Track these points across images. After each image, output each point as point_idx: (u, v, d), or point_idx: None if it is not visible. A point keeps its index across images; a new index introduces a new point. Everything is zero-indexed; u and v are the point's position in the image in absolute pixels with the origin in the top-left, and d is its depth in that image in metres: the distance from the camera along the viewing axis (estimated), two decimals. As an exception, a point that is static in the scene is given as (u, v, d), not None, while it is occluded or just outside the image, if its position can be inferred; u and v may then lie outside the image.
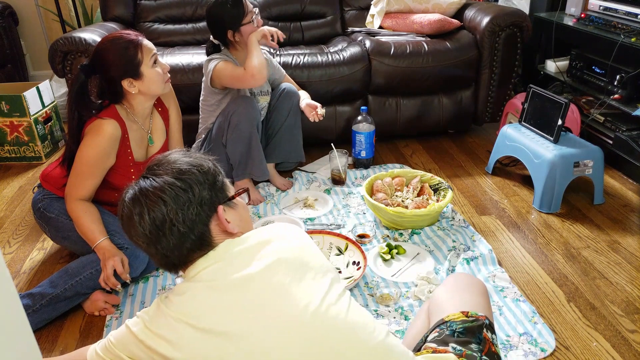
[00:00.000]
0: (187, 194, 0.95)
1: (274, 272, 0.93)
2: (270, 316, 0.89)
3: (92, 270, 1.60)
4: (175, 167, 0.98)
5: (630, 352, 1.46)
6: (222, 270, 0.94)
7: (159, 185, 0.95)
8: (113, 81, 1.61)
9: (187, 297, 0.92)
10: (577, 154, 2.11)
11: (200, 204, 0.96)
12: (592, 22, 2.66)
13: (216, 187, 1.01)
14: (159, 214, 0.94)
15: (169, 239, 0.95)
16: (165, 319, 0.92)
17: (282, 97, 2.28)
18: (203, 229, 0.97)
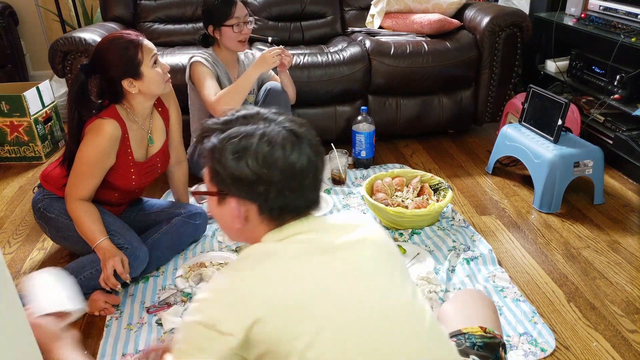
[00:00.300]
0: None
1: (365, 248, 0.92)
2: (354, 290, 0.86)
3: (92, 270, 1.60)
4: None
5: (630, 352, 1.46)
6: (317, 238, 0.91)
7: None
8: (113, 81, 1.61)
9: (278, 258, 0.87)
10: (577, 154, 2.11)
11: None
12: (592, 22, 2.66)
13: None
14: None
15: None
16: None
17: (268, 98, 2.27)
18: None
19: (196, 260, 1.86)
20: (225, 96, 2.05)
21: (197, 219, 1.90)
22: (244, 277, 0.85)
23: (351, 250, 0.90)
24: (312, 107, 2.65)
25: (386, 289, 0.88)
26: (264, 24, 3.01)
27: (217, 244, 1.98)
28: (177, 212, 1.89)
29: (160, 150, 1.83)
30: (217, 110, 2.05)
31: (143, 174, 1.78)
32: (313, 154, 0.93)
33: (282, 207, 0.90)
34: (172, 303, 1.67)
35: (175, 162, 1.98)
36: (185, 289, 1.72)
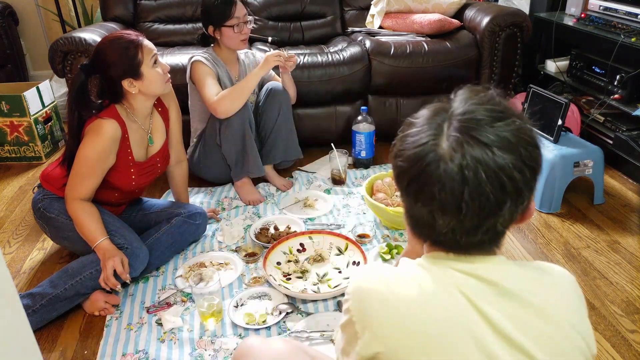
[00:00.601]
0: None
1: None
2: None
3: (92, 270, 1.60)
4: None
5: (630, 352, 1.46)
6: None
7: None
8: (113, 81, 1.61)
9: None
10: (577, 154, 2.11)
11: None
12: (592, 22, 2.66)
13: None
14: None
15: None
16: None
17: (270, 98, 2.27)
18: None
19: (196, 260, 1.86)
20: (227, 97, 2.05)
21: (197, 219, 1.90)
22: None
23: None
24: (312, 107, 2.65)
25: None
26: (264, 24, 3.01)
27: (217, 244, 1.98)
28: (177, 212, 1.89)
29: (160, 150, 1.83)
30: (218, 111, 2.06)
31: (143, 173, 1.78)
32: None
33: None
34: (172, 303, 1.67)
35: (175, 162, 1.98)
36: (185, 289, 1.72)
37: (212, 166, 2.30)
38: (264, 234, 1.99)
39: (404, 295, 0.71)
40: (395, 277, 0.75)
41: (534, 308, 0.71)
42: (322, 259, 1.83)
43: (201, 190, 2.37)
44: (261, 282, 1.75)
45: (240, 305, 1.63)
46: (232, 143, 2.15)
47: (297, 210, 2.20)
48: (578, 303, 0.76)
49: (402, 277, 0.75)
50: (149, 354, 1.48)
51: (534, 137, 0.72)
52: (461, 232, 0.71)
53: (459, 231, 0.71)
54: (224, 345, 1.49)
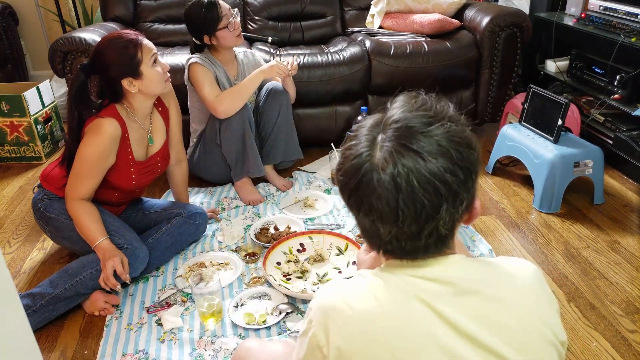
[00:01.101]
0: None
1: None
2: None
3: (92, 270, 1.60)
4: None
5: (630, 352, 1.46)
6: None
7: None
8: (113, 80, 1.61)
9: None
10: (577, 154, 2.11)
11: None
12: (592, 22, 2.66)
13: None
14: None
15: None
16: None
17: (270, 98, 2.27)
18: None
19: (196, 260, 1.86)
20: (227, 97, 2.05)
21: (197, 219, 1.90)
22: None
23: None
24: (312, 107, 2.65)
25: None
26: (264, 24, 3.01)
27: (217, 244, 1.98)
28: (177, 212, 1.89)
29: (161, 150, 1.83)
30: (218, 111, 2.06)
31: (143, 173, 1.78)
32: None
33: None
34: (172, 303, 1.67)
35: (175, 162, 1.98)
36: (185, 289, 1.72)
37: (212, 166, 2.30)
38: (264, 234, 1.99)
39: (363, 310, 0.72)
40: (353, 292, 0.75)
41: (495, 301, 0.72)
42: (322, 259, 1.83)
43: (201, 190, 2.37)
44: (261, 282, 1.75)
45: (240, 305, 1.63)
46: (232, 143, 2.15)
47: (297, 210, 2.20)
48: (540, 292, 0.76)
49: (358, 291, 0.75)
50: (149, 354, 1.48)
51: (467, 138, 0.73)
52: (404, 239, 0.71)
53: (402, 238, 0.71)
54: (224, 345, 1.49)
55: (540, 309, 0.74)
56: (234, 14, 2.14)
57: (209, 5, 2.07)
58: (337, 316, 0.74)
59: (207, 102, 2.07)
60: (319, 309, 0.76)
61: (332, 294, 0.77)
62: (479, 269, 0.76)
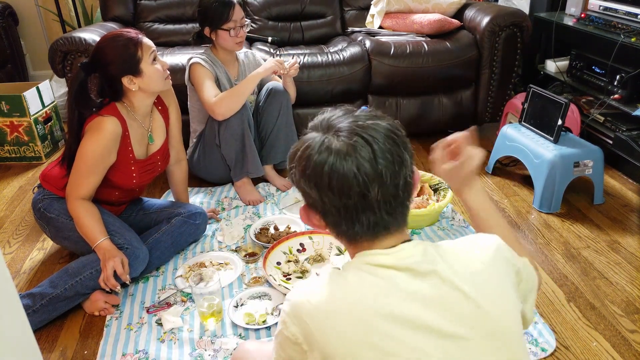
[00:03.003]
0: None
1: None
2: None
3: (92, 270, 1.60)
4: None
5: (630, 352, 1.46)
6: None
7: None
8: (113, 79, 1.61)
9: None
10: (577, 154, 2.11)
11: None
12: (592, 22, 2.66)
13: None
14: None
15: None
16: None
17: (270, 98, 2.27)
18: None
19: (196, 260, 1.86)
20: (225, 99, 2.05)
21: (197, 218, 1.90)
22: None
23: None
24: (312, 107, 2.65)
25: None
26: (264, 24, 3.01)
27: (217, 244, 1.98)
28: (177, 211, 1.89)
29: (161, 149, 1.83)
30: (216, 112, 2.06)
31: (143, 172, 1.78)
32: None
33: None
34: (172, 303, 1.67)
35: (175, 161, 1.98)
36: (185, 289, 1.72)
37: (212, 166, 2.30)
38: (264, 234, 1.99)
39: (335, 305, 0.79)
40: (324, 289, 0.81)
41: (455, 279, 0.80)
42: (322, 259, 1.83)
43: (201, 190, 2.37)
44: (261, 282, 1.75)
45: (240, 305, 1.63)
46: (232, 143, 2.15)
47: (297, 210, 2.20)
48: (504, 263, 0.86)
49: (330, 286, 0.82)
50: (149, 354, 1.48)
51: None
52: (387, 198, 0.80)
53: (386, 196, 0.80)
54: (224, 345, 1.49)
55: (507, 283, 0.85)
56: (245, 24, 2.14)
57: (224, 3, 2.08)
58: (306, 312, 0.79)
59: (205, 103, 2.07)
60: (290, 309, 0.82)
61: (298, 294, 0.83)
62: (439, 251, 0.83)
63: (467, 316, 0.78)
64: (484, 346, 0.78)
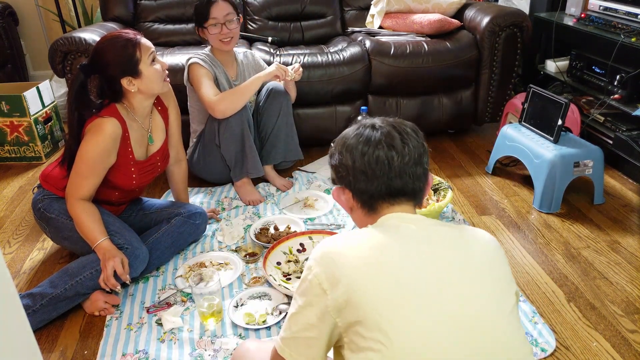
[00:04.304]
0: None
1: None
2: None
3: (92, 270, 1.60)
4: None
5: (630, 352, 1.46)
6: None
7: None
8: (112, 80, 1.61)
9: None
10: (577, 154, 2.11)
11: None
12: (592, 22, 2.66)
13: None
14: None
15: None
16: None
17: (270, 98, 2.27)
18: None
19: (196, 260, 1.86)
20: (227, 98, 2.05)
21: (197, 218, 1.90)
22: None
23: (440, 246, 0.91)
24: (312, 107, 2.65)
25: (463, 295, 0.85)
26: (264, 24, 3.01)
27: (217, 244, 1.98)
28: (177, 211, 1.89)
29: (160, 149, 1.83)
30: (216, 110, 2.06)
31: (143, 172, 1.78)
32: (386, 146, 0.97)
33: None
34: (172, 303, 1.67)
35: (174, 162, 1.98)
36: (185, 289, 1.72)
37: (212, 166, 2.30)
38: (264, 234, 1.99)
39: (361, 248, 0.89)
40: (350, 237, 0.92)
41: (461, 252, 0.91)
42: (322, 259, 1.83)
43: (201, 190, 2.37)
44: (261, 282, 1.75)
45: (240, 305, 1.63)
46: (231, 144, 2.15)
47: (297, 210, 2.20)
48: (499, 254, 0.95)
49: (355, 235, 0.93)
50: (149, 354, 1.48)
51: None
52: (411, 164, 0.96)
53: (409, 162, 0.95)
54: (224, 345, 1.49)
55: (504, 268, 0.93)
56: (230, 20, 2.12)
57: (205, 1, 2.10)
58: (338, 256, 0.87)
59: (205, 101, 2.07)
60: (320, 256, 0.89)
61: (326, 242, 0.92)
62: (447, 230, 0.95)
63: (474, 269, 0.89)
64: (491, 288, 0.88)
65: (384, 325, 0.81)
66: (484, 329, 0.83)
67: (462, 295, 0.85)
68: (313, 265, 0.89)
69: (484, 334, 0.83)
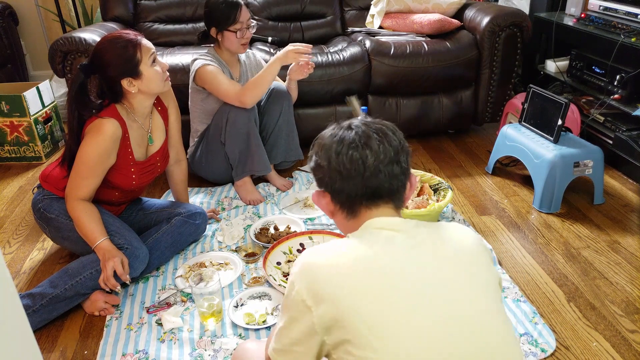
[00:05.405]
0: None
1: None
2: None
3: (92, 270, 1.60)
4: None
5: (630, 352, 1.46)
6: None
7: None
8: (112, 80, 1.61)
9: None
10: (577, 154, 2.11)
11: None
12: (592, 22, 2.66)
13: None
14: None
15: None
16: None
17: (272, 98, 2.28)
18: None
19: (196, 260, 1.86)
20: (251, 88, 2.05)
21: (197, 218, 1.90)
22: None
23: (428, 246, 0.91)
24: (312, 107, 2.65)
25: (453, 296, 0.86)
26: (264, 24, 3.01)
27: (217, 244, 1.98)
28: (177, 211, 1.89)
29: (160, 149, 1.83)
30: (245, 102, 2.06)
31: (143, 173, 1.78)
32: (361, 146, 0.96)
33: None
34: (172, 303, 1.67)
35: (174, 162, 1.98)
36: (185, 289, 1.72)
37: (214, 165, 2.30)
38: (264, 234, 1.99)
39: (341, 259, 0.87)
40: (330, 249, 0.90)
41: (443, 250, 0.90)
42: (322, 259, 1.83)
43: (201, 190, 2.37)
44: (261, 282, 1.75)
45: (240, 305, 1.63)
46: (236, 142, 2.15)
47: (297, 210, 2.20)
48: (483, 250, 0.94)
49: (335, 246, 0.90)
50: (149, 354, 1.48)
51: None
52: (386, 162, 0.94)
53: (384, 160, 0.94)
54: (224, 345, 1.49)
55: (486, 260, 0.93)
56: (251, 25, 2.14)
57: (231, 5, 2.08)
58: (320, 270, 0.86)
59: (229, 95, 2.06)
60: (300, 271, 0.88)
61: (306, 255, 0.90)
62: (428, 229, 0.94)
63: (459, 270, 0.88)
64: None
65: (375, 343, 0.79)
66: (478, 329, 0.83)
67: (450, 300, 0.84)
68: (295, 281, 0.88)
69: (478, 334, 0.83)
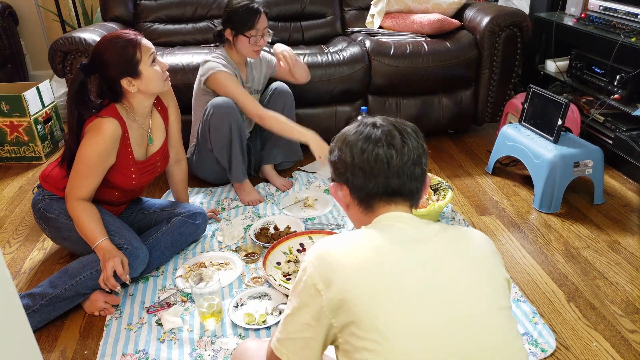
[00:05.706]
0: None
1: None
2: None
3: (92, 270, 1.60)
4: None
5: (630, 352, 1.46)
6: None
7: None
8: (112, 80, 1.61)
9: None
10: (577, 154, 2.11)
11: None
12: (592, 22, 2.66)
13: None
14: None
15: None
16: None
17: (274, 98, 2.28)
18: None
19: (196, 260, 1.86)
20: (275, 121, 2.09)
21: (197, 218, 1.90)
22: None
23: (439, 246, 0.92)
24: (312, 107, 2.65)
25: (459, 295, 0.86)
26: (264, 24, 3.00)
27: (217, 244, 1.98)
28: (176, 211, 1.89)
29: (160, 149, 1.83)
30: (264, 124, 2.11)
31: (143, 173, 1.78)
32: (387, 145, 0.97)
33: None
34: (172, 303, 1.67)
35: (174, 162, 1.98)
36: (185, 289, 1.72)
37: (210, 168, 2.30)
38: (264, 234, 1.99)
39: (355, 248, 0.89)
40: (345, 238, 0.92)
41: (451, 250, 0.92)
42: (322, 259, 1.83)
43: (201, 190, 2.37)
44: (261, 282, 1.75)
45: (240, 305, 1.63)
46: (223, 149, 2.15)
47: (297, 210, 2.20)
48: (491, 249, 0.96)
49: (350, 236, 0.93)
50: (149, 354, 1.48)
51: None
52: (409, 164, 0.96)
53: (408, 162, 0.96)
54: (224, 345, 1.49)
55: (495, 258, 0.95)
56: (267, 34, 2.15)
57: (251, 11, 2.09)
58: (332, 258, 0.88)
59: (250, 111, 2.10)
60: (314, 257, 0.90)
61: (322, 243, 0.92)
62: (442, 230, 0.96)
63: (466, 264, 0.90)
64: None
65: (380, 325, 0.81)
66: (478, 328, 0.84)
67: (457, 294, 0.85)
68: (307, 267, 0.90)
69: (478, 333, 0.83)
